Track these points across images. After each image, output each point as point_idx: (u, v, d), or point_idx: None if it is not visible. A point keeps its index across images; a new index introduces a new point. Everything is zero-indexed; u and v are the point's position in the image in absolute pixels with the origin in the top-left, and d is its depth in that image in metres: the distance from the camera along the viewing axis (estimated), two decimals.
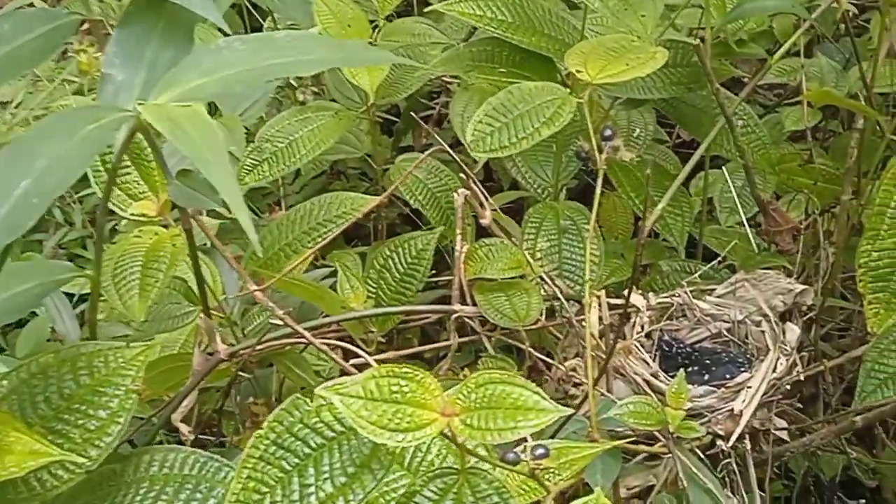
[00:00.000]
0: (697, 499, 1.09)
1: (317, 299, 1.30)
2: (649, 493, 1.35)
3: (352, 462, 0.69)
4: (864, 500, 1.71)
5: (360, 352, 1.11)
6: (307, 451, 0.72)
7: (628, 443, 1.13)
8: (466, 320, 1.27)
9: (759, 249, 1.49)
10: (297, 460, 0.72)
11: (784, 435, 1.37)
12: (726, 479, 1.30)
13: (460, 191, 1.27)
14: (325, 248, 2.01)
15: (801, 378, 1.33)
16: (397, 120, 2.07)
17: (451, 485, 0.66)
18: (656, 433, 1.14)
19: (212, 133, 0.63)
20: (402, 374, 0.64)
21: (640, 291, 1.42)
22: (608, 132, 0.93)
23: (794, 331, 1.36)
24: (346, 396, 0.63)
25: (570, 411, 0.81)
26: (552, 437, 1.15)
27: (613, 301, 1.43)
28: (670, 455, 1.14)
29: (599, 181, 1.19)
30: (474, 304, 1.26)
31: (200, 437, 1.63)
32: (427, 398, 0.63)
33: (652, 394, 1.28)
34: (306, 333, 1.09)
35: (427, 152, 1.46)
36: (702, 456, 1.22)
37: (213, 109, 1.69)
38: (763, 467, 1.33)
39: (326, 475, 0.69)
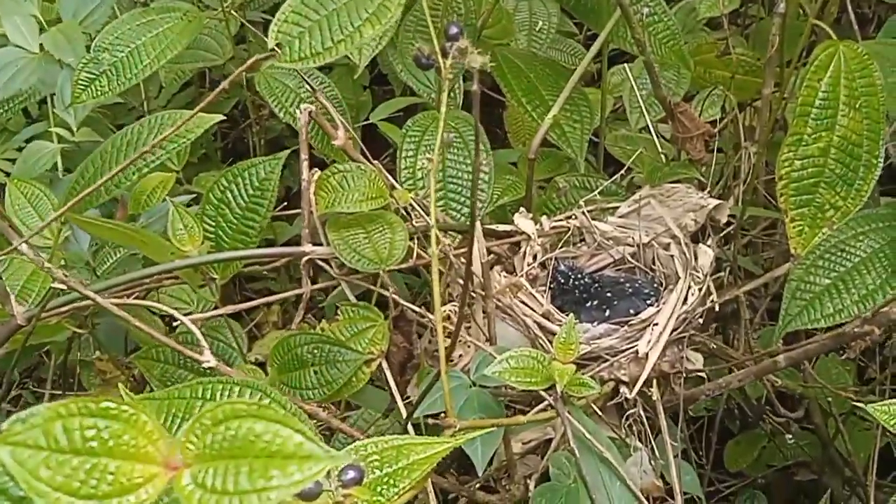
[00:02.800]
0: (591, 470, 0.91)
1: (138, 244, 1.08)
2: (549, 444, 1.18)
3: None
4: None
5: (175, 313, 0.89)
6: None
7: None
8: (321, 263, 1.06)
9: (667, 160, 1.29)
10: None
11: (700, 367, 1.20)
12: (633, 428, 1.13)
13: (304, 106, 1.04)
14: (194, 170, 1.79)
15: (717, 308, 1.15)
16: None
17: None
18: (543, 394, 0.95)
19: None
20: (101, 410, 0.43)
21: (531, 215, 1.22)
22: (454, 30, 0.71)
23: (707, 254, 1.17)
24: (19, 447, 0.42)
25: (348, 457, 0.60)
26: (412, 412, 0.96)
27: (503, 227, 1.23)
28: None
29: (475, 85, 0.97)
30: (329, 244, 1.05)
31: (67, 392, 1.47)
32: (141, 445, 0.42)
33: (543, 338, 1.09)
34: (94, 295, 0.87)
35: None
36: (597, 411, 1.04)
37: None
38: (675, 411, 1.15)
39: None
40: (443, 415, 0.83)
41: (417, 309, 1.03)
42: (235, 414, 0.43)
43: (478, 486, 1.10)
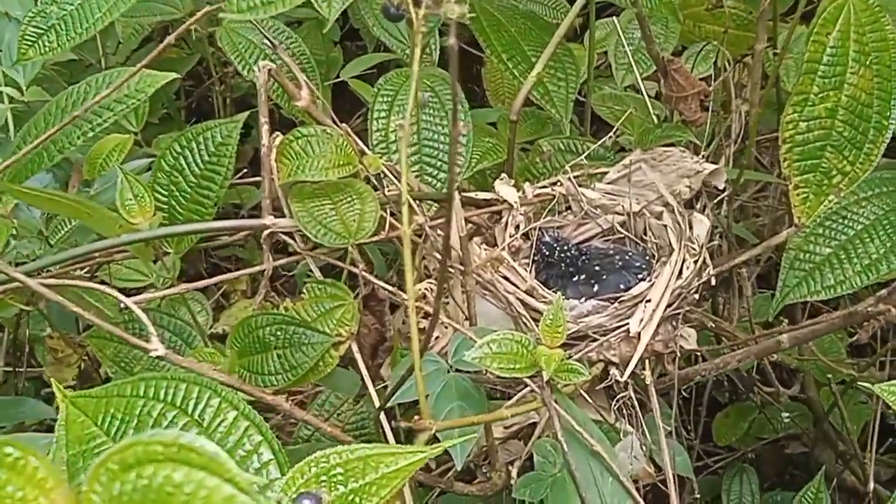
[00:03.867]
0: (580, 465, 0.82)
1: (83, 216, 0.98)
2: (533, 428, 1.10)
3: None
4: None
5: (119, 296, 0.80)
6: None
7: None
8: (284, 237, 0.96)
9: (659, 120, 1.20)
10: None
11: (694, 345, 1.12)
12: (622, 411, 1.05)
13: (262, 63, 0.94)
14: (155, 131, 1.68)
15: (713, 282, 1.07)
16: None
17: None
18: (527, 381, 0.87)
19: None
20: None
21: (513, 182, 1.13)
22: None
23: (702, 223, 1.08)
24: None
25: None
26: (395, 390, 0.87)
27: (483, 195, 1.14)
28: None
29: (452, 39, 0.88)
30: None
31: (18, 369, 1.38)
32: (30, 498, 0.34)
33: (527, 317, 1.01)
34: (23, 278, 0.77)
35: None
36: (584, 394, 0.96)
37: None
38: (669, 393, 1.08)
39: None
40: (416, 416, 0.74)
41: (390, 288, 0.94)
42: (150, 457, 0.34)
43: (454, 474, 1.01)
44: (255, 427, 0.66)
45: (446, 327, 0.94)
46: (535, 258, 1.10)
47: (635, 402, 1.02)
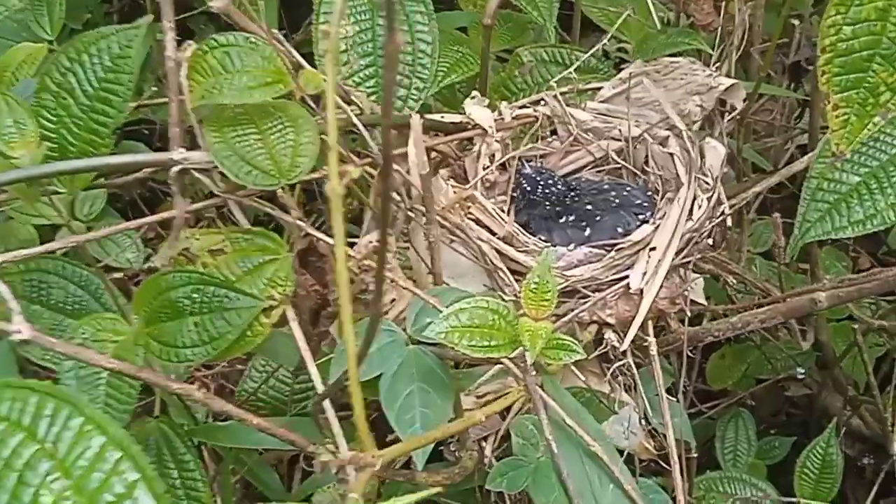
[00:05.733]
0: (574, 469, 0.65)
1: None
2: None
3: None
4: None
5: None
6: None
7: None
8: (198, 176, 0.76)
9: (663, 25, 0.99)
10: None
11: (701, 298, 0.94)
12: (620, 380, 0.87)
13: None
14: None
15: (729, 223, 0.88)
16: None
17: None
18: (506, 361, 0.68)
19: None
20: None
21: (486, 101, 0.93)
22: None
23: (716, 151, 0.89)
24: None
25: None
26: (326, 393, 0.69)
27: (451, 118, 0.93)
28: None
29: None
30: None
31: None
32: None
33: (505, 272, 0.82)
34: None
35: None
36: (576, 372, 0.78)
37: None
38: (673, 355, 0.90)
39: None
40: (354, 446, 0.55)
41: (331, 241, 0.75)
42: None
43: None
44: (129, 459, 0.47)
45: (404, 288, 0.75)
46: (514, 195, 0.90)
47: (634, 369, 0.84)
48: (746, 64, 1.39)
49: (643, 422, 0.89)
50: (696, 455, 1.25)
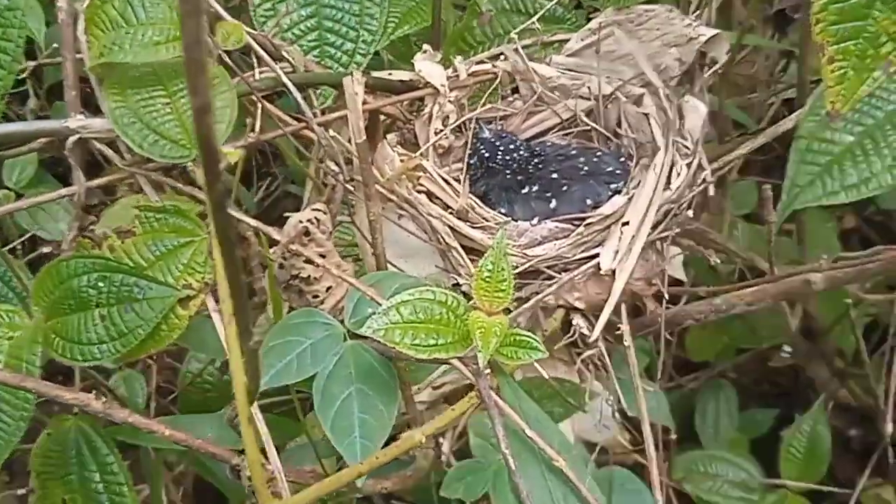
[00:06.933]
0: (536, 487, 0.56)
1: None
2: (470, 389, 0.83)
3: None
4: None
5: None
6: None
7: None
8: (99, 146, 0.65)
9: None
10: None
11: (681, 274, 0.85)
12: (591, 368, 0.78)
13: None
14: None
15: (711, 191, 0.79)
16: None
17: None
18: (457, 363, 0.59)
19: None
20: None
21: (439, 56, 0.82)
22: None
23: (697, 111, 0.79)
24: None
25: None
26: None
27: (399, 75, 0.83)
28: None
29: None
30: None
31: None
32: None
33: (459, 252, 0.72)
34: None
35: None
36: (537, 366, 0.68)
37: None
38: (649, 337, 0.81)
39: None
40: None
41: (253, 222, 0.64)
42: None
43: None
44: None
45: (336, 277, 0.65)
46: (471, 162, 0.80)
47: (606, 357, 0.75)
48: (728, 12, 1.29)
49: (616, 414, 0.81)
50: (674, 437, 1.18)
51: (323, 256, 0.65)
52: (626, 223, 0.72)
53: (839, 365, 1.32)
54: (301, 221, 0.64)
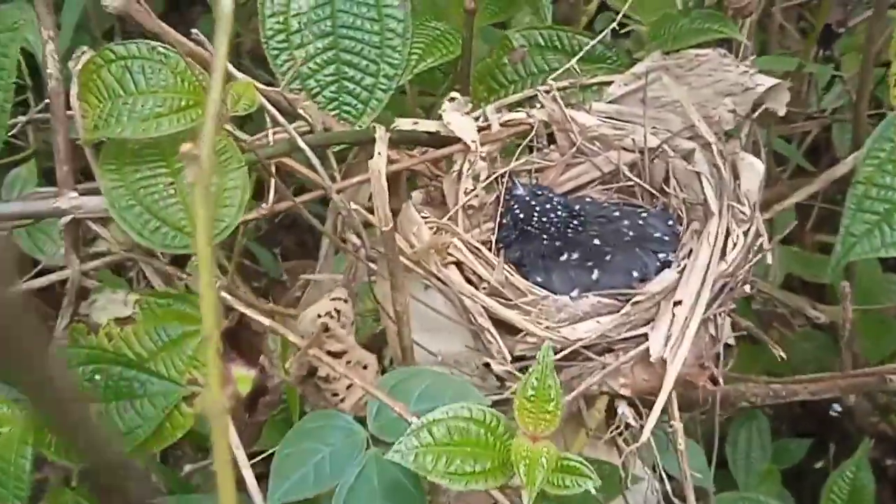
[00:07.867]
0: None
1: None
2: None
3: None
4: None
5: None
6: None
7: None
8: (95, 228, 0.58)
9: (686, 6, 0.80)
10: None
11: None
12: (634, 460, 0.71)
13: None
14: None
15: (770, 259, 0.72)
16: None
17: None
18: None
19: None
20: None
21: (468, 104, 0.75)
22: None
23: (754, 169, 0.72)
24: None
25: None
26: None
27: (425, 126, 0.75)
28: None
29: None
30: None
31: None
32: None
33: (493, 332, 0.65)
34: None
35: None
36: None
37: None
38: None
39: None
40: None
41: (267, 321, 0.57)
42: None
43: None
44: None
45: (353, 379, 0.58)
46: (504, 221, 0.73)
47: (654, 447, 0.68)
48: (766, 23, 1.21)
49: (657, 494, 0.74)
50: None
51: (344, 352, 0.58)
52: (678, 302, 0.65)
53: (882, 400, 1.25)
54: (320, 315, 0.57)
